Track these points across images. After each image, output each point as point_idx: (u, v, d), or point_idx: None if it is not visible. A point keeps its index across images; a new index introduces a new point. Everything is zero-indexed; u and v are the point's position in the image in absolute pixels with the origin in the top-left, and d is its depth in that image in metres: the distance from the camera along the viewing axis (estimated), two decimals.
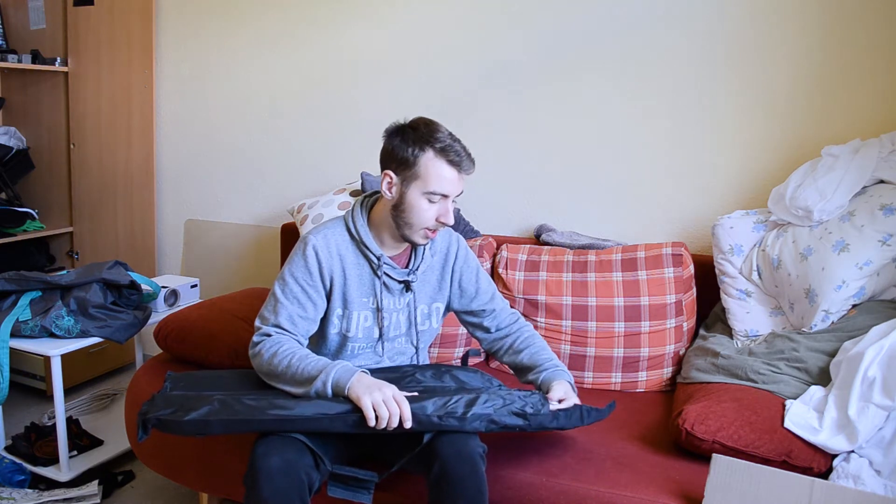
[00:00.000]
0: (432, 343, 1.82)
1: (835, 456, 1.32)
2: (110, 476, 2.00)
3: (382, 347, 1.45)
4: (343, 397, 1.21)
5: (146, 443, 1.69)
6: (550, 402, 1.32)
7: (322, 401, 1.22)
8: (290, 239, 2.25)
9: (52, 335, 1.81)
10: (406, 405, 1.19)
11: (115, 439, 2.10)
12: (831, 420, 1.32)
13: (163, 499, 1.95)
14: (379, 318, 1.42)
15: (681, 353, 1.77)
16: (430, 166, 1.29)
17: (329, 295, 1.40)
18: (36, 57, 2.76)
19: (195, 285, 2.31)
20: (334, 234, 1.40)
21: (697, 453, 1.34)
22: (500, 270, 1.89)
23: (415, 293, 1.44)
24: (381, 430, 1.18)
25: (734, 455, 1.25)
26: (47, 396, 2.45)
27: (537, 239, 2.06)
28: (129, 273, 1.97)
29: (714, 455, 1.21)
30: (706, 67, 1.90)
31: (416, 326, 1.46)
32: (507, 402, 1.25)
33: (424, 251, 1.45)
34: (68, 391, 2.25)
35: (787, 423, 1.32)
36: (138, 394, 1.71)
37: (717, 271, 1.78)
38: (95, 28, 2.72)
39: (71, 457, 1.94)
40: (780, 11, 1.81)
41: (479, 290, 1.51)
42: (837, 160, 1.63)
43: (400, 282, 1.42)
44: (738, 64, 1.87)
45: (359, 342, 1.43)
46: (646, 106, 1.98)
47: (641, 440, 1.46)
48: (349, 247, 1.40)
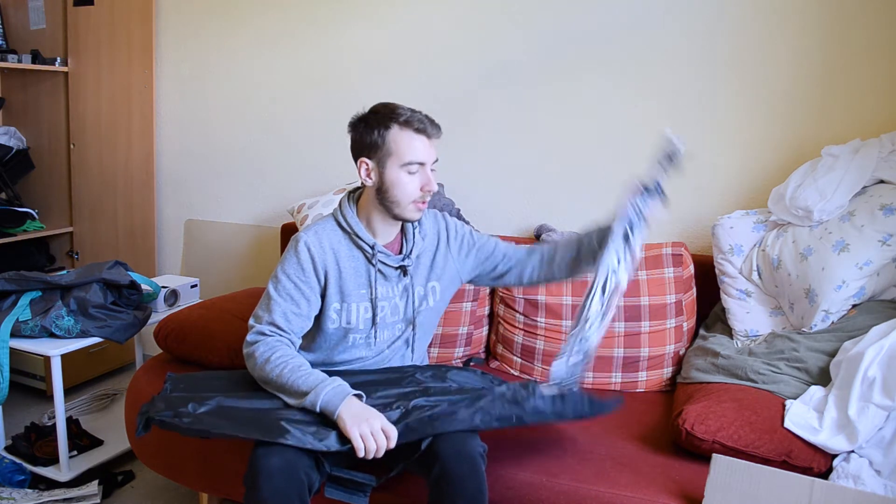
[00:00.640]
0: (432, 343, 1.82)
1: (835, 456, 1.32)
2: (110, 476, 2.00)
3: (375, 335, 1.45)
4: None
5: (146, 443, 1.69)
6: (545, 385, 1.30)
7: (319, 430, 1.22)
8: (290, 239, 2.25)
9: (52, 335, 1.82)
10: (393, 436, 1.20)
11: (115, 439, 2.10)
12: (831, 420, 1.32)
13: (163, 499, 1.95)
14: (373, 307, 1.43)
15: (681, 353, 1.77)
16: (399, 140, 1.34)
17: (324, 291, 1.40)
18: (36, 57, 2.76)
19: (195, 285, 2.31)
20: (325, 230, 1.41)
21: (697, 453, 1.34)
22: None
23: (412, 277, 1.45)
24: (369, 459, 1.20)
25: (734, 455, 1.25)
26: (47, 396, 2.45)
27: (537, 239, 2.06)
28: (129, 273, 1.98)
29: (714, 455, 1.21)
30: (706, 67, 1.90)
31: (414, 306, 1.46)
32: (498, 394, 1.25)
33: (415, 235, 1.46)
34: (68, 391, 2.25)
35: (787, 423, 1.32)
36: (138, 394, 1.71)
37: (716, 271, 1.78)
38: (95, 28, 2.72)
39: (71, 457, 1.94)
40: (779, 11, 1.81)
41: (486, 245, 1.52)
42: (837, 160, 1.63)
43: (396, 268, 1.43)
44: (738, 64, 1.87)
45: (360, 333, 1.44)
46: (646, 106, 1.98)
47: (641, 440, 1.46)
48: (342, 240, 1.41)
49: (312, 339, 1.47)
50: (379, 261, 1.41)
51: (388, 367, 1.48)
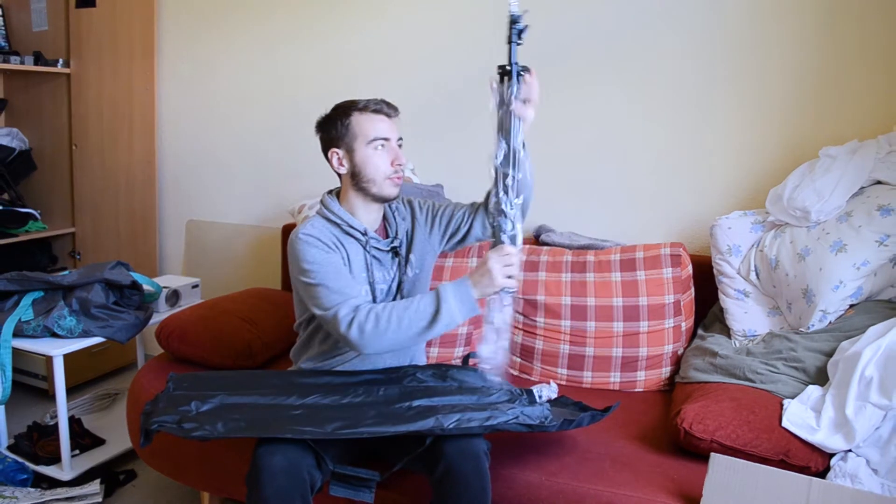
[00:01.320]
0: (431, 343, 1.83)
1: (832, 455, 1.32)
2: (112, 475, 2.00)
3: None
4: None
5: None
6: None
7: (321, 420, 1.22)
8: None
9: (55, 335, 1.83)
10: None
11: (116, 439, 2.10)
12: (829, 419, 1.33)
13: (164, 498, 1.95)
14: (372, 290, 1.46)
15: (679, 352, 1.78)
16: (361, 122, 1.43)
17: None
18: (38, 58, 2.77)
19: (196, 285, 2.32)
20: (317, 226, 1.44)
21: (696, 453, 1.35)
22: None
23: (402, 256, 1.52)
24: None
25: (732, 454, 1.26)
26: (49, 396, 2.46)
27: (536, 239, 2.06)
28: (131, 273, 1.98)
29: (712, 454, 1.21)
30: (704, 68, 1.91)
31: (403, 284, 1.51)
32: (516, 417, 1.26)
33: (396, 219, 1.54)
34: (70, 391, 2.25)
35: (785, 423, 1.33)
36: (140, 393, 1.72)
37: (715, 271, 1.78)
38: (97, 30, 2.73)
39: (73, 456, 1.95)
40: (778, 13, 1.82)
41: (446, 211, 1.58)
42: (835, 161, 1.64)
43: (388, 251, 1.49)
44: (737, 65, 1.87)
45: None
46: (644, 107, 1.99)
47: (640, 440, 1.47)
48: (335, 231, 1.45)
49: (316, 331, 1.48)
50: (372, 247, 1.46)
51: (388, 367, 1.48)
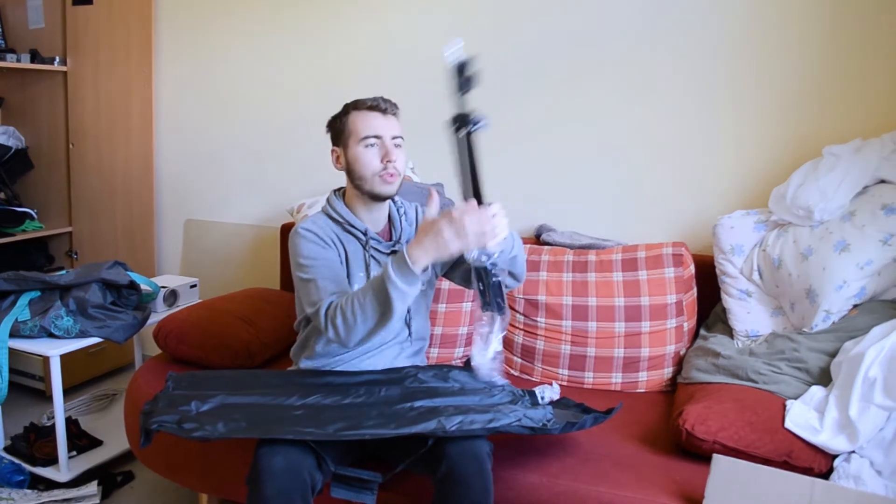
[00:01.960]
0: (431, 343, 1.82)
1: (835, 456, 1.31)
2: (110, 476, 1.99)
3: None
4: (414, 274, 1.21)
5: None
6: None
7: (320, 422, 1.21)
8: None
9: (51, 335, 1.81)
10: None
11: (114, 440, 2.09)
12: (832, 420, 1.32)
13: (162, 499, 1.94)
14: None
15: (681, 353, 1.77)
16: (355, 120, 1.45)
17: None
18: (35, 56, 2.76)
19: (194, 285, 2.30)
20: (318, 222, 1.46)
21: (698, 454, 1.34)
22: None
23: None
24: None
25: (735, 455, 1.25)
26: (46, 397, 2.45)
27: (537, 239, 2.05)
28: (129, 273, 1.97)
29: (715, 455, 1.21)
30: (707, 67, 1.90)
31: None
32: (518, 420, 1.25)
33: (402, 222, 1.53)
34: (67, 391, 2.25)
35: (788, 424, 1.32)
36: (137, 394, 1.71)
37: (717, 271, 1.77)
38: (94, 27, 2.71)
39: (70, 457, 1.94)
40: (780, 11, 1.81)
41: None
42: (839, 160, 1.63)
43: (388, 254, 1.48)
44: (739, 64, 1.87)
45: None
46: (646, 105, 1.98)
47: (642, 440, 1.46)
48: (336, 229, 1.46)
49: (314, 330, 1.47)
50: (372, 247, 1.46)
51: (390, 368, 1.47)
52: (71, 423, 2.08)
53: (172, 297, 2.19)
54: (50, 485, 1.90)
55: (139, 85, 2.66)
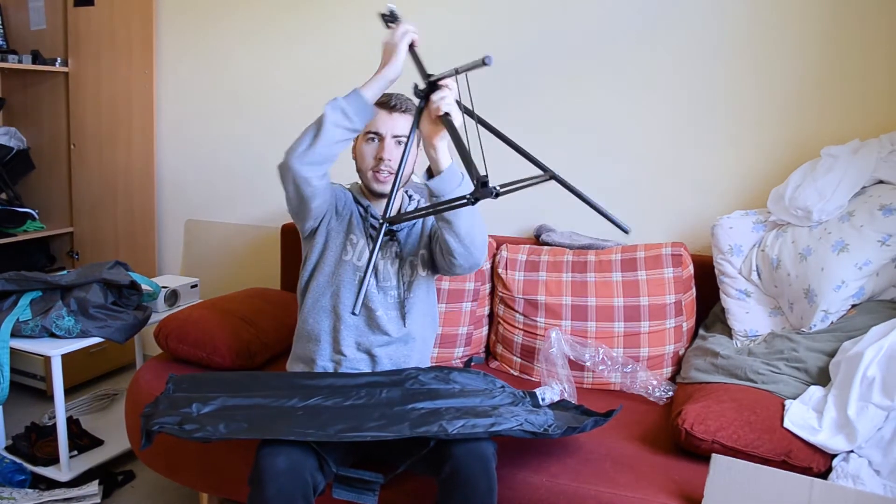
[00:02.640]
0: (433, 343, 1.82)
1: (834, 456, 1.32)
2: (110, 476, 2.00)
3: (379, 288, 1.50)
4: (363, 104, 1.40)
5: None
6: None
7: (322, 423, 1.21)
8: (291, 239, 2.25)
9: (53, 335, 1.82)
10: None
11: (115, 439, 2.10)
12: (831, 420, 1.32)
13: (163, 499, 1.95)
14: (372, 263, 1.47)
15: (680, 353, 1.77)
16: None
17: (343, 216, 1.55)
18: (36, 57, 2.76)
19: (195, 285, 2.31)
20: (338, 187, 1.58)
21: (697, 453, 1.34)
22: (500, 270, 1.89)
23: (401, 243, 1.54)
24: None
25: (734, 455, 1.25)
26: (47, 396, 2.45)
27: (537, 239, 2.06)
28: (130, 273, 1.98)
29: (714, 455, 1.21)
30: (706, 68, 1.90)
31: (403, 277, 1.53)
32: (520, 424, 1.25)
33: (404, 204, 1.60)
34: (68, 391, 2.25)
35: (787, 423, 1.32)
36: (138, 394, 1.72)
37: (716, 271, 1.78)
38: (96, 28, 2.72)
39: (71, 457, 1.94)
40: (779, 12, 1.81)
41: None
42: (837, 160, 1.63)
43: (384, 233, 1.49)
44: (738, 64, 1.87)
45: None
46: (645, 106, 1.98)
47: (641, 440, 1.47)
48: (348, 197, 1.57)
49: (324, 283, 1.51)
50: (370, 225, 1.52)
51: (390, 370, 1.48)
52: (72, 423, 2.08)
53: (173, 297, 2.19)
54: (51, 484, 1.91)
55: (140, 86, 2.67)
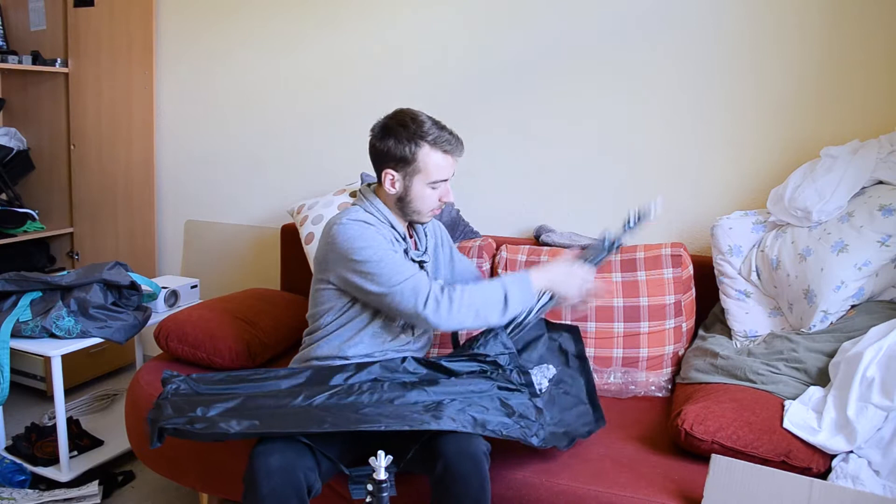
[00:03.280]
0: (434, 343, 1.82)
1: (834, 456, 1.32)
2: (111, 476, 2.00)
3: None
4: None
5: (146, 443, 1.69)
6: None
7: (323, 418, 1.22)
8: (291, 239, 2.25)
9: (53, 336, 1.82)
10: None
11: (115, 439, 2.10)
12: (830, 420, 1.32)
13: (163, 499, 1.95)
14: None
15: (680, 353, 1.77)
16: (429, 160, 1.41)
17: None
18: (36, 58, 2.77)
19: (195, 286, 2.31)
20: (361, 216, 1.43)
21: (696, 454, 1.35)
22: (500, 271, 1.89)
23: (428, 272, 1.53)
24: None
25: (733, 455, 1.25)
26: (48, 397, 2.45)
27: (536, 240, 2.06)
28: (130, 274, 1.98)
29: (713, 455, 1.21)
30: (705, 68, 1.91)
31: None
32: (526, 437, 1.27)
33: (425, 234, 1.57)
34: (68, 391, 2.25)
35: (786, 424, 1.33)
36: (139, 394, 1.72)
37: (716, 272, 1.78)
38: (96, 29, 2.72)
39: (71, 457, 1.94)
40: (778, 12, 1.82)
41: (459, 264, 1.68)
42: (836, 161, 1.64)
43: (416, 261, 1.50)
44: (737, 65, 1.87)
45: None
46: (645, 106, 1.99)
47: (640, 440, 1.47)
48: (378, 224, 1.45)
49: (346, 321, 1.48)
50: (404, 252, 1.48)
51: (388, 361, 1.46)
52: (72, 423, 2.08)
53: (173, 297, 2.19)
54: (51, 484, 1.91)
55: (140, 86, 2.67)
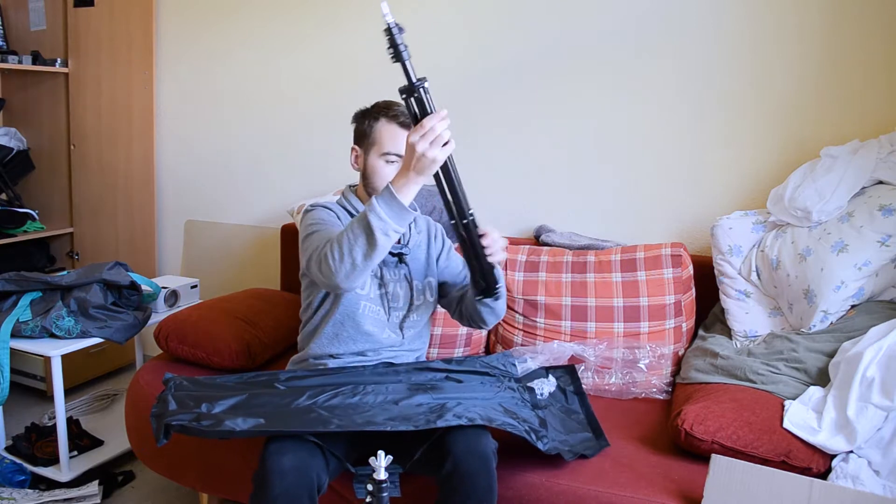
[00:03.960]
0: (431, 343, 1.82)
1: (834, 456, 1.32)
2: (110, 476, 2.00)
3: (388, 310, 1.48)
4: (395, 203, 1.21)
5: (146, 443, 1.70)
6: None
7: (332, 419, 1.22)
8: (291, 239, 2.26)
9: (53, 335, 1.82)
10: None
11: (115, 439, 2.10)
12: (830, 420, 1.32)
13: (163, 499, 1.95)
14: (383, 285, 1.47)
15: (680, 353, 1.77)
16: (383, 131, 1.43)
17: None
18: (36, 58, 2.77)
19: (195, 286, 2.31)
20: (334, 206, 1.49)
21: (696, 454, 1.35)
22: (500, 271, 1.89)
23: (409, 266, 1.50)
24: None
25: (733, 455, 1.25)
26: (48, 397, 2.45)
27: (536, 240, 2.06)
28: (130, 274, 1.98)
29: (713, 455, 1.21)
30: (705, 68, 1.91)
31: (413, 300, 1.51)
32: (531, 438, 1.27)
33: (411, 228, 1.53)
34: (68, 391, 2.25)
35: (786, 424, 1.33)
36: (138, 394, 1.72)
37: (716, 272, 1.78)
38: (96, 29, 2.72)
39: (71, 457, 1.94)
40: (778, 12, 1.82)
41: (455, 263, 1.60)
42: (836, 161, 1.64)
43: (394, 255, 1.49)
44: (737, 65, 1.87)
45: (370, 301, 1.47)
46: (645, 107, 1.99)
47: (640, 440, 1.47)
48: (349, 218, 1.48)
49: (326, 315, 1.48)
50: None
51: (388, 364, 1.47)
52: (72, 423, 2.08)
53: (173, 297, 2.19)
54: (51, 484, 1.91)
55: (140, 86, 2.67)
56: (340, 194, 1.55)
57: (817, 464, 1.30)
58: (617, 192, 2.05)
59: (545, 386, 1.56)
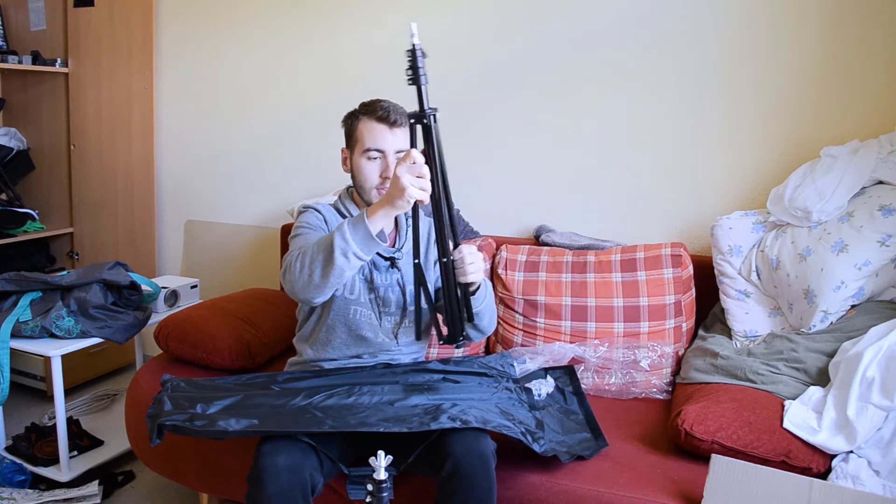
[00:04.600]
0: (431, 343, 1.82)
1: (833, 456, 1.32)
2: (110, 476, 2.00)
3: (379, 315, 1.48)
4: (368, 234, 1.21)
5: (146, 443, 1.69)
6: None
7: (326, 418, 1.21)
8: None
9: (53, 336, 1.82)
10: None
11: (115, 439, 2.10)
12: (830, 420, 1.32)
13: (163, 499, 1.95)
14: (371, 286, 1.47)
15: (680, 353, 1.78)
16: (363, 128, 1.44)
17: None
18: (36, 58, 2.77)
19: (195, 286, 2.31)
20: (328, 209, 1.50)
21: (696, 454, 1.35)
22: (500, 271, 1.90)
23: (402, 272, 1.49)
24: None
25: (733, 455, 1.25)
26: (47, 397, 2.46)
27: (536, 240, 2.06)
28: (130, 274, 1.98)
29: (713, 455, 1.21)
30: (705, 68, 1.90)
31: (407, 306, 1.50)
32: (527, 440, 1.27)
33: (407, 232, 1.52)
34: (68, 391, 2.25)
35: (786, 424, 1.33)
36: (138, 394, 1.72)
37: (716, 272, 1.78)
38: (96, 29, 2.72)
39: (71, 457, 1.94)
40: (778, 12, 1.81)
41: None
42: (836, 161, 1.64)
43: (386, 258, 1.48)
44: (737, 65, 1.87)
45: (360, 305, 1.46)
46: (645, 107, 1.98)
47: (640, 440, 1.47)
48: (326, 213, 1.49)
49: (319, 318, 1.48)
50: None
51: (385, 365, 1.47)
52: (72, 423, 2.08)
53: (173, 297, 2.19)
54: (51, 484, 1.91)
55: (140, 86, 2.67)
56: (336, 201, 1.55)
57: (817, 464, 1.30)
58: (617, 192, 2.05)
59: (543, 387, 1.56)
